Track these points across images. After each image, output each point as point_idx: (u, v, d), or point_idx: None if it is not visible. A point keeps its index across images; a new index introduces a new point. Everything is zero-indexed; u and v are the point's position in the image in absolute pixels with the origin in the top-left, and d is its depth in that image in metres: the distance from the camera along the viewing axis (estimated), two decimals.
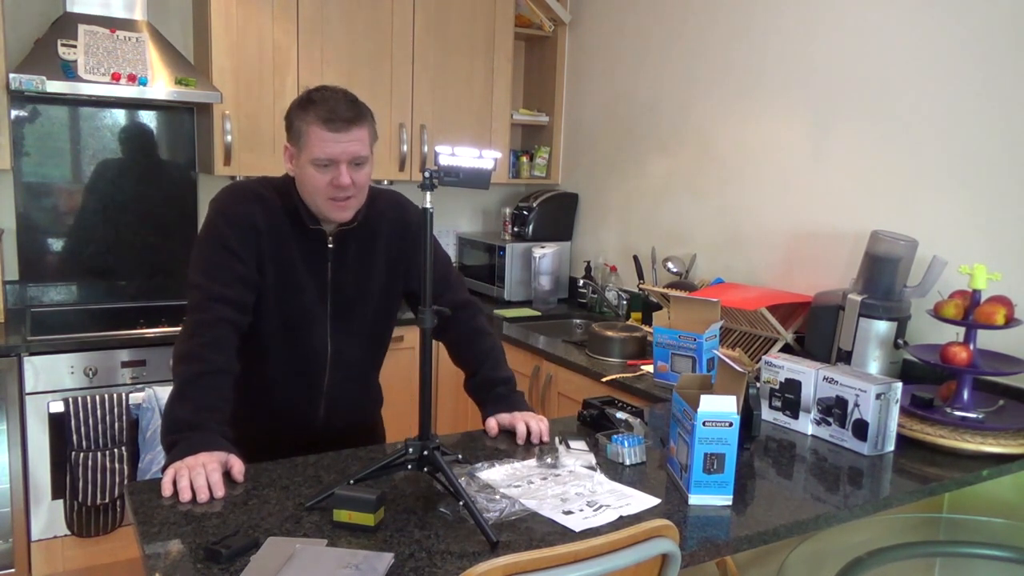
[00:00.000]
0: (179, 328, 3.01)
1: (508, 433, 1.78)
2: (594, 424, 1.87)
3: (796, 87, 2.69)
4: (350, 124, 1.59)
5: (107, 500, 2.80)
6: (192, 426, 1.50)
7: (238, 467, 1.48)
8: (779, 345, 2.53)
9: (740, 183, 2.93)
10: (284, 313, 1.71)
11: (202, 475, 1.41)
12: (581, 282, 3.64)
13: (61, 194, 3.21)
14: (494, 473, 1.55)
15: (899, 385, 1.81)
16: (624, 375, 2.48)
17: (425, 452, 1.41)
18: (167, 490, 1.41)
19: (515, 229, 3.76)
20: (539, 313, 3.49)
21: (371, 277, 1.78)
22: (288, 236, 1.69)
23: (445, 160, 1.42)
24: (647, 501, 1.47)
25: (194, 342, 1.57)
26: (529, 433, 1.74)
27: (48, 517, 2.78)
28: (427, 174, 1.40)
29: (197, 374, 1.55)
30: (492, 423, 1.79)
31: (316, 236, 1.71)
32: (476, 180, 1.44)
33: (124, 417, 2.77)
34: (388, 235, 1.80)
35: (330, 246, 1.73)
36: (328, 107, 1.59)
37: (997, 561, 1.84)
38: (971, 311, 1.92)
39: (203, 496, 1.39)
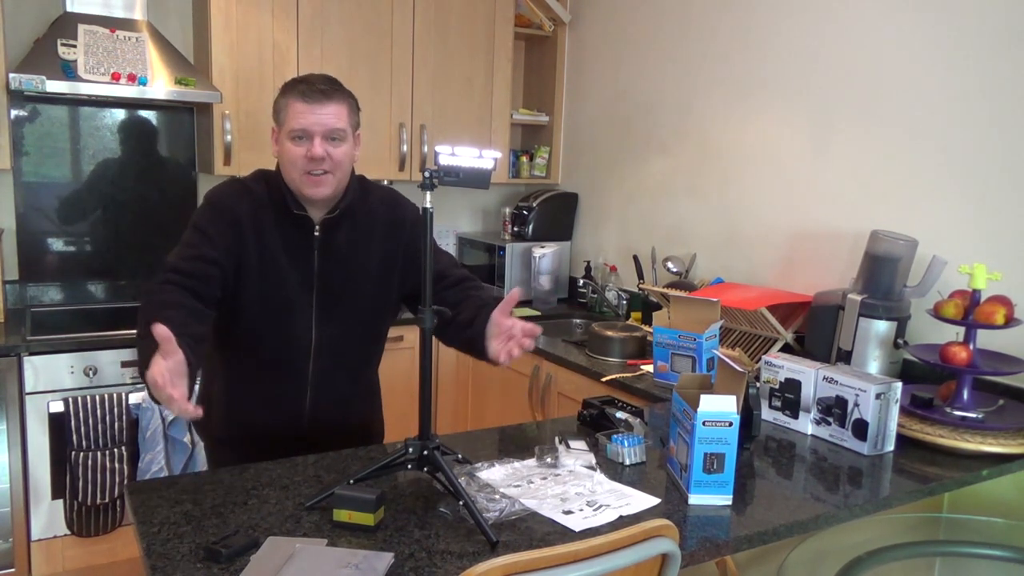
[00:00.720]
0: None
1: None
2: (594, 424, 1.87)
3: (796, 87, 2.69)
4: (325, 96, 1.65)
5: (107, 500, 2.80)
6: (145, 336, 1.40)
7: (159, 366, 1.31)
8: (779, 345, 2.54)
9: (740, 183, 2.93)
10: (266, 301, 1.72)
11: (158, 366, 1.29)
12: (581, 282, 3.64)
13: (61, 194, 3.21)
14: (494, 473, 1.56)
15: (899, 385, 1.81)
16: (624, 375, 2.48)
17: (425, 452, 1.41)
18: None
19: (515, 229, 3.76)
20: (539, 313, 3.49)
21: (363, 270, 1.78)
22: (272, 226, 1.71)
23: (445, 160, 1.42)
24: (647, 501, 1.47)
25: (147, 292, 1.61)
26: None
27: (48, 517, 2.78)
28: (427, 174, 1.40)
29: (151, 304, 1.53)
30: (495, 319, 1.62)
31: (302, 224, 1.72)
32: (476, 180, 1.44)
33: (124, 417, 2.77)
34: (382, 229, 1.80)
35: (316, 234, 1.73)
36: (306, 83, 1.68)
37: (997, 561, 1.84)
38: (971, 311, 1.92)
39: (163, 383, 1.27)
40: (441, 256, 1.87)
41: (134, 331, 3.07)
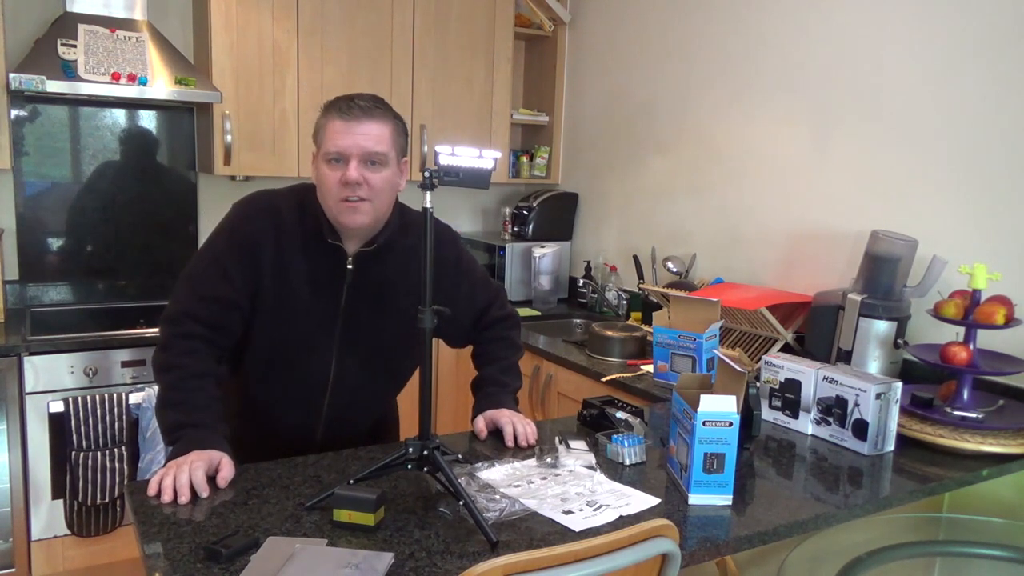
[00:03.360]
0: None
1: (494, 436, 1.76)
2: (594, 424, 1.87)
3: (796, 86, 2.69)
4: (365, 114, 1.53)
5: (107, 500, 2.80)
6: (184, 425, 1.50)
7: (226, 471, 1.45)
8: (779, 345, 2.53)
9: (740, 183, 2.93)
10: (282, 334, 1.64)
11: (185, 474, 1.40)
12: (581, 282, 3.64)
13: (61, 194, 3.21)
14: (494, 473, 1.55)
15: (899, 385, 1.81)
16: (624, 375, 2.48)
17: (425, 452, 1.41)
18: (152, 489, 1.40)
19: (515, 229, 3.76)
20: (539, 313, 3.49)
21: (394, 308, 1.68)
22: (298, 255, 1.61)
23: (445, 160, 1.42)
24: (647, 501, 1.47)
25: (170, 353, 1.57)
26: (516, 437, 1.71)
27: (48, 517, 2.78)
28: (427, 174, 1.39)
29: (178, 379, 1.54)
30: (480, 422, 1.75)
31: (334, 254, 1.63)
32: (476, 180, 1.44)
33: (124, 417, 2.77)
34: (417, 267, 1.60)
35: (349, 267, 1.64)
36: (348, 100, 1.55)
37: (997, 561, 1.84)
38: (971, 311, 1.92)
39: (183, 497, 1.38)
40: (488, 289, 1.85)
41: (135, 331, 3.08)
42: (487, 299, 1.83)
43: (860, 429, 1.80)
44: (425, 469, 1.42)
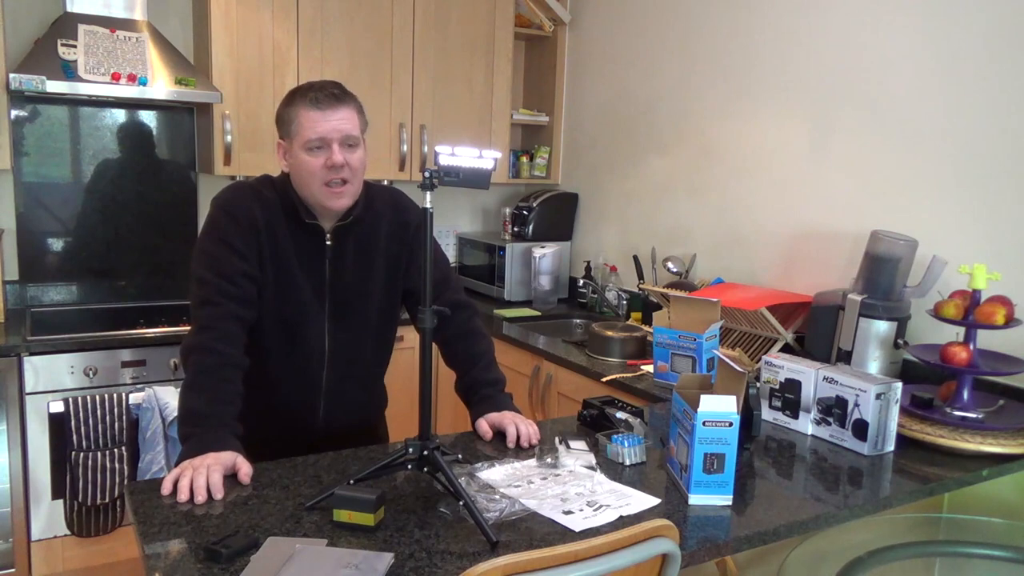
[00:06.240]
0: (178, 328, 3.01)
1: (498, 436, 1.77)
2: (594, 424, 1.87)
3: (796, 86, 2.69)
4: (337, 102, 1.63)
5: (107, 500, 2.80)
6: (205, 417, 1.52)
7: (245, 469, 1.48)
8: (779, 345, 2.53)
9: (740, 183, 2.93)
10: (281, 311, 1.71)
11: (203, 476, 1.41)
12: (581, 282, 3.64)
13: (61, 194, 3.21)
14: (494, 473, 1.56)
15: (899, 385, 1.81)
16: (624, 375, 2.48)
17: (425, 452, 1.41)
18: (167, 488, 1.42)
19: (515, 229, 3.76)
20: (539, 313, 3.49)
21: (371, 276, 1.79)
22: (285, 234, 1.70)
23: (445, 160, 1.42)
24: (647, 501, 1.47)
25: (205, 335, 1.60)
26: (518, 437, 1.73)
27: (48, 517, 2.78)
28: (427, 174, 1.40)
29: (210, 365, 1.57)
30: (483, 425, 1.79)
31: (313, 233, 1.71)
32: (476, 180, 1.44)
33: (124, 417, 2.77)
34: (387, 233, 1.80)
35: (328, 243, 1.73)
36: (314, 91, 1.64)
37: (997, 561, 1.84)
38: (971, 311, 1.92)
39: (200, 497, 1.39)
40: (437, 267, 1.84)
41: (135, 331, 3.07)
42: (442, 273, 1.87)
43: (860, 429, 1.80)
44: (425, 469, 1.42)
